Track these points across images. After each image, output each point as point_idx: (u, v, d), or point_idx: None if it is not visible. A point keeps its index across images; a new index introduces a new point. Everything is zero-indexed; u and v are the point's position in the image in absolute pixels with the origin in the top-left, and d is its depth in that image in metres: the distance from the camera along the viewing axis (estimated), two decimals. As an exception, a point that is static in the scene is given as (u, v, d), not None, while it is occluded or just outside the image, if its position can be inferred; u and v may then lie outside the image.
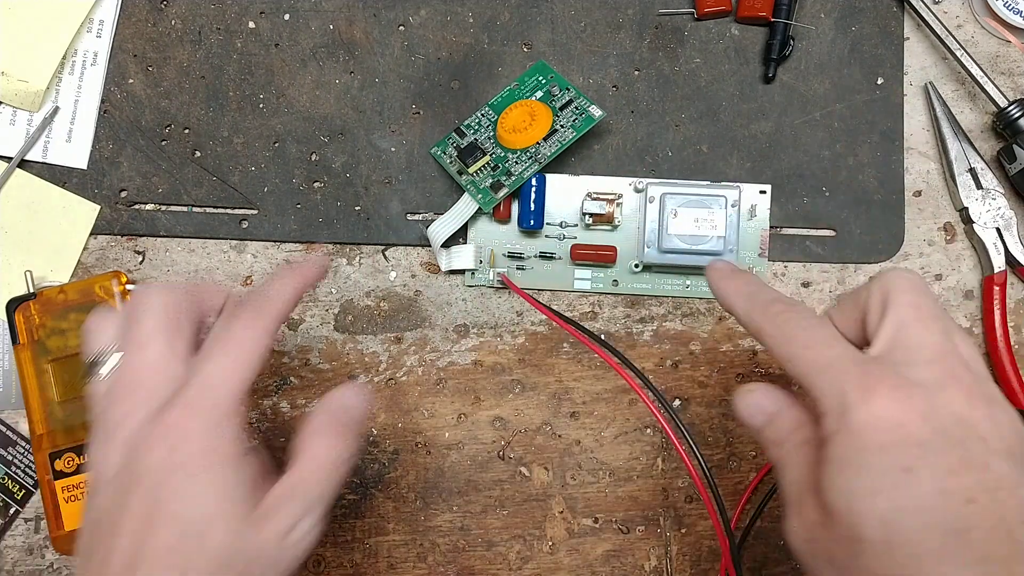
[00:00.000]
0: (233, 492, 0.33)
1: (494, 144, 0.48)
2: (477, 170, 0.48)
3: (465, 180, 0.48)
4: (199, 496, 0.32)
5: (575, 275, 0.50)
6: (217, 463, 0.33)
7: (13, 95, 0.49)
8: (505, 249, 0.50)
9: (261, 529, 0.33)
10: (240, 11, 0.51)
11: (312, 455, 0.36)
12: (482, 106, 0.50)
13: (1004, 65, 0.51)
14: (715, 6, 0.50)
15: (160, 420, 0.32)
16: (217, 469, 0.32)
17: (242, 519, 0.32)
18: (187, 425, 0.32)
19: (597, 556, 0.49)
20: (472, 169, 0.48)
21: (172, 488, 0.32)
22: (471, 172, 0.48)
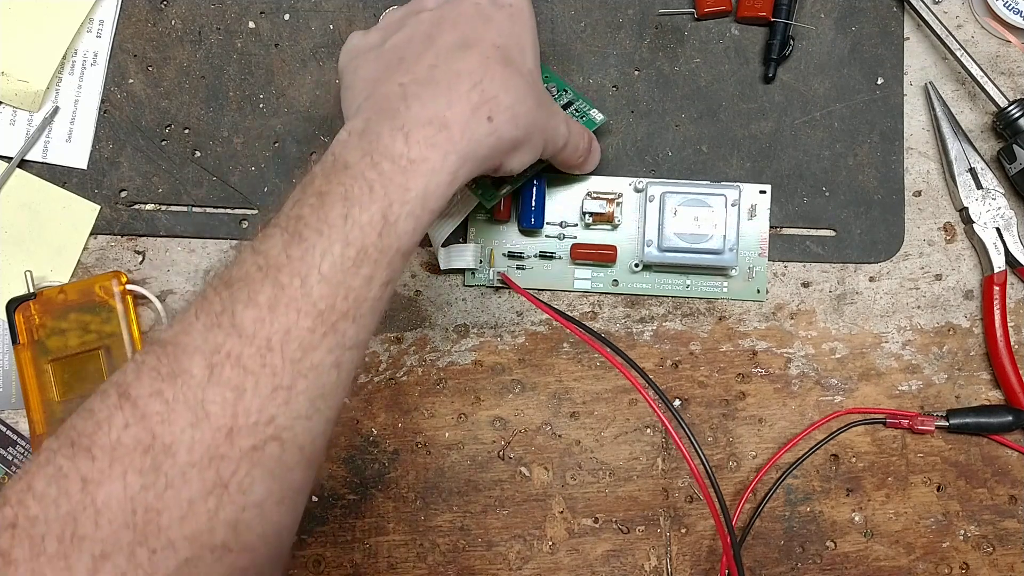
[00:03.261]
0: (536, 46, 0.40)
1: None
2: None
3: None
4: (526, 31, 0.39)
5: (575, 275, 0.50)
6: (533, 19, 0.40)
7: (13, 95, 0.49)
8: (505, 249, 0.50)
9: (546, 95, 0.40)
10: (240, 11, 0.51)
11: (575, 123, 0.45)
12: None
13: (1004, 65, 0.51)
14: (715, 6, 0.50)
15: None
16: (533, 21, 0.40)
17: (538, 71, 0.40)
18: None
19: (597, 556, 0.48)
20: None
21: (504, 14, 0.39)
22: None
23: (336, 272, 0.32)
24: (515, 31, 0.39)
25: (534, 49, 0.40)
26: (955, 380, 0.49)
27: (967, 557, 0.48)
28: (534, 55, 0.40)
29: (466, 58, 0.37)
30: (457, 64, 0.37)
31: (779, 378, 0.49)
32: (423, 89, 0.36)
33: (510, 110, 0.36)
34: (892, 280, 0.50)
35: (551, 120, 0.40)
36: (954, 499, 0.49)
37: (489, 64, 0.37)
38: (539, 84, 0.40)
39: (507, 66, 0.37)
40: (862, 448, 0.49)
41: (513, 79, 0.37)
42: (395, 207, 0.33)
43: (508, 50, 0.38)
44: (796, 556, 0.48)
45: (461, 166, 0.35)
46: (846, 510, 0.49)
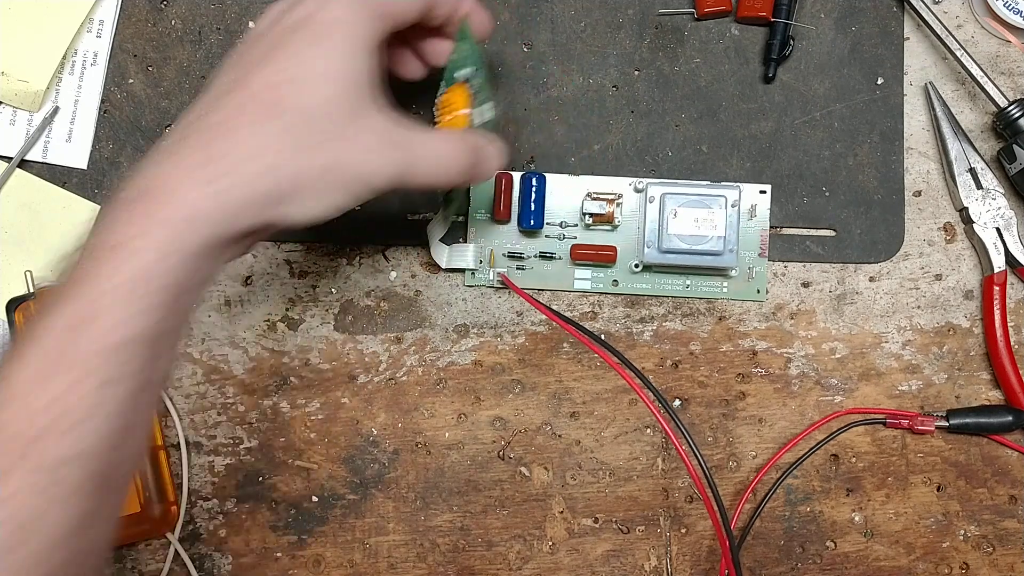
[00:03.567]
0: (353, 71, 0.34)
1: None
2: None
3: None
4: (321, 54, 0.34)
5: (575, 275, 0.50)
6: (351, 40, 0.34)
7: (13, 95, 0.49)
8: (505, 249, 0.50)
9: (354, 128, 0.34)
10: (240, 11, 0.51)
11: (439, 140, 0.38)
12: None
13: (1004, 65, 0.51)
14: (715, 6, 0.50)
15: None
16: (348, 44, 0.34)
17: (352, 99, 0.34)
18: (337, 4, 0.35)
19: (597, 556, 0.49)
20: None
21: (300, 39, 0.34)
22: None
23: (17, 387, 0.29)
24: (305, 59, 0.34)
25: (341, 73, 0.34)
26: (955, 380, 0.49)
27: (967, 557, 0.48)
28: (338, 81, 0.34)
29: (221, 107, 0.33)
30: (211, 116, 0.33)
31: (779, 378, 0.49)
32: (169, 151, 0.32)
33: (239, 169, 0.32)
34: (892, 280, 0.50)
35: (342, 158, 0.34)
36: (954, 499, 0.49)
37: (239, 113, 0.33)
38: (326, 120, 0.34)
39: (263, 116, 0.33)
40: (862, 448, 0.49)
41: (262, 128, 0.32)
42: (100, 299, 0.30)
43: (280, 88, 0.33)
44: (796, 556, 0.48)
45: (176, 238, 0.30)
46: (846, 510, 0.49)
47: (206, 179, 0.31)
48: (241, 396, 0.49)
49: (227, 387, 0.49)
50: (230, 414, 0.49)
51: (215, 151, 0.32)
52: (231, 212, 0.32)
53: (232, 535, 0.49)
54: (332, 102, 0.34)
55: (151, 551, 0.48)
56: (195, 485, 0.49)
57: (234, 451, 0.49)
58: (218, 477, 0.49)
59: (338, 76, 0.34)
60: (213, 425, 0.49)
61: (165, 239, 0.30)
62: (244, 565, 0.48)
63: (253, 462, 0.49)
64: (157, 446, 0.48)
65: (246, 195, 0.32)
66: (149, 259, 0.30)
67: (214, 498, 0.49)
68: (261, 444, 0.49)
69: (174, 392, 0.49)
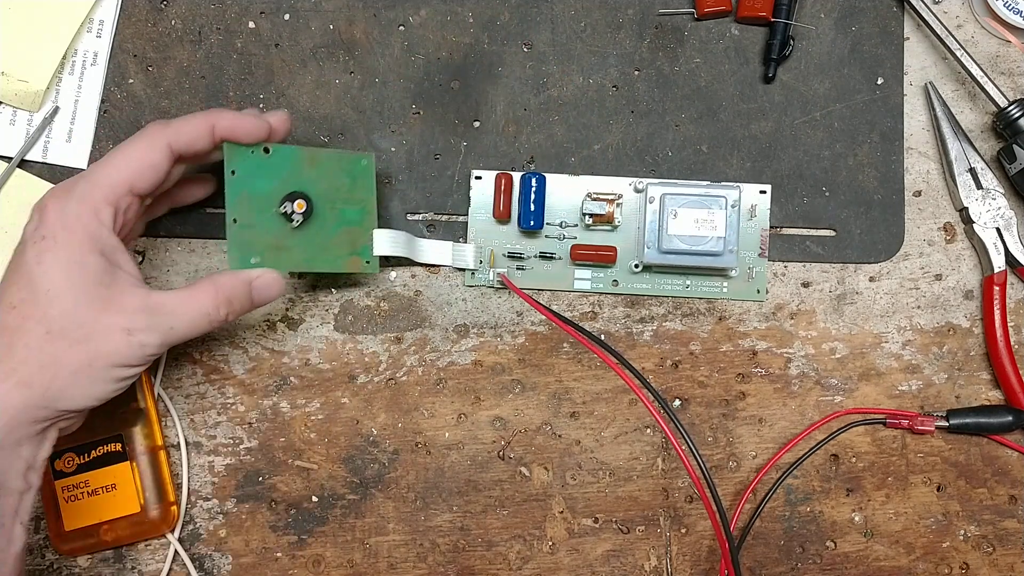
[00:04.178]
0: (86, 270, 0.37)
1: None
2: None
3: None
4: (51, 263, 0.37)
5: (575, 275, 0.50)
6: (75, 243, 0.37)
7: (13, 95, 0.49)
8: (505, 249, 0.50)
9: (108, 315, 0.38)
10: (240, 11, 0.51)
11: (194, 297, 0.40)
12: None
13: (1004, 65, 0.51)
14: (715, 6, 0.50)
15: (41, 202, 0.39)
16: (74, 247, 0.37)
17: (90, 298, 0.37)
18: (57, 207, 0.38)
19: (597, 556, 0.49)
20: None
21: (31, 253, 0.37)
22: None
23: None
24: (39, 272, 0.37)
25: (67, 282, 0.37)
26: (955, 380, 0.49)
27: (967, 557, 0.48)
28: (65, 289, 0.37)
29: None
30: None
31: (779, 378, 0.49)
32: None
33: (11, 379, 0.36)
34: (892, 280, 0.50)
35: (99, 352, 0.38)
36: (954, 499, 0.49)
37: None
38: (68, 319, 0.37)
39: (15, 329, 0.37)
40: (862, 448, 0.49)
41: (19, 342, 0.36)
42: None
43: (24, 305, 0.37)
44: (796, 556, 0.48)
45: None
46: (846, 510, 0.49)
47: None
48: (241, 396, 0.49)
49: (227, 387, 0.49)
50: (230, 414, 0.49)
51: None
52: (9, 419, 0.36)
53: (232, 535, 0.49)
54: (73, 307, 0.37)
55: (151, 551, 0.48)
56: (195, 485, 0.49)
57: (234, 451, 0.49)
58: (218, 477, 0.49)
59: (70, 284, 0.37)
60: (213, 425, 0.49)
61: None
62: (244, 565, 0.48)
63: (253, 462, 0.49)
64: (157, 446, 0.48)
65: (20, 403, 0.36)
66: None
67: (214, 498, 0.49)
68: (261, 444, 0.49)
69: (174, 392, 0.49)
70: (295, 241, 0.44)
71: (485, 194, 0.50)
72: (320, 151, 0.45)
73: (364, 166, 0.46)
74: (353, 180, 0.46)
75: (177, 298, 0.40)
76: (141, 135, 0.40)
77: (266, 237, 0.43)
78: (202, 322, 0.41)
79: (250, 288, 0.42)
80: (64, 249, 0.37)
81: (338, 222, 0.45)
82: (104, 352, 0.38)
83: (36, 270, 0.37)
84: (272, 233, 0.43)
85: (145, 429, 0.48)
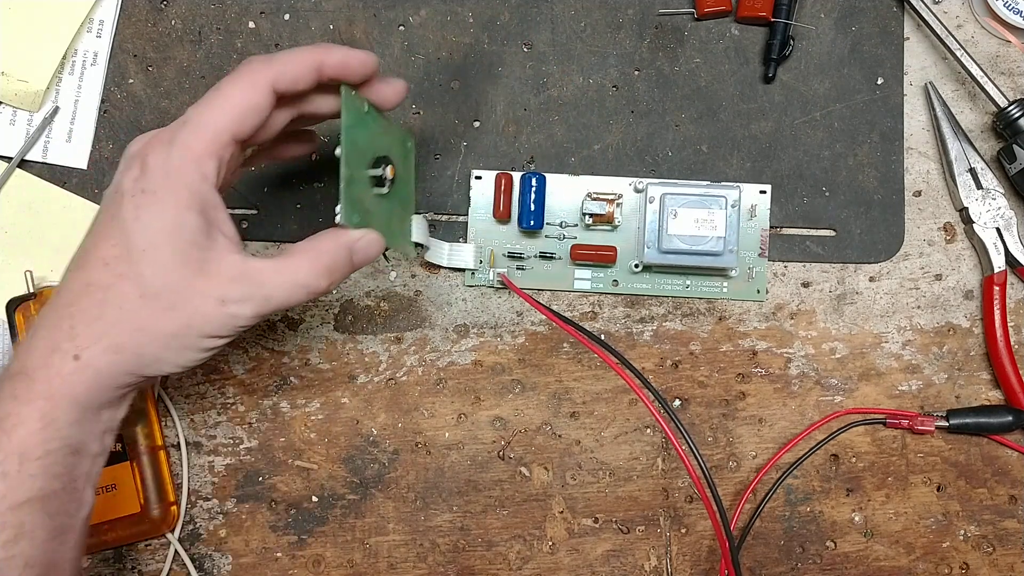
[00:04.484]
0: (184, 230, 0.35)
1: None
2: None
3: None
4: (149, 221, 0.34)
5: (575, 275, 0.50)
6: (177, 199, 0.35)
7: (13, 95, 0.49)
8: (505, 249, 0.50)
9: (202, 281, 0.35)
10: (240, 11, 0.51)
11: (293, 266, 0.37)
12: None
13: (1004, 65, 0.51)
14: (715, 6, 0.50)
15: (141, 151, 0.35)
16: (176, 204, 0.35)
17: (186, 261, 0.35)
18: (160, 157, 0.35)
19: (597, 556, 0.49)
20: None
21: (129, 207, 0.35)
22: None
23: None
24: (133, 231, 0.34)
25: (165, 241, 0.34)
26: (955, 380, 0.49)
27: (967, 557, 0.48)
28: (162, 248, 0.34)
29: (69, 285, 0.35)
30: (62, 294, 0.35)
31: (779, 378, 0.49)
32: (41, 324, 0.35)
33: (104, 342, 0.34)
34: (892, 280, 0.50)
35: (191, 322, 0.35)
36: (954, 499, 0.49)
37: (87, 291, 0.35)
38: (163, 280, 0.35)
39: (107, 287, 0.34)
40: (862, 448, 0.49)
41: (111, 298, 0.34)
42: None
43: (116, 266, 0.34)
44: (796, 556, 0.48)
45: (52, 407, 0.34)
46: (846, 510, 0.49)
47: (71, 355, 0.34)
48: (241, 396, 0.49)
49: (227, 387, 0.49)
50: (230, 414, 0.49)
51: (72, 329, 0.34)
52: (96, 383, 0.35)
53: (232, 535, 0.49)
54: (168, 270, 0.35)
55: (151, 551, 0.48)
56: (195, 485, 0.49)
57: (234, 451, 0.49)
58: (218, 477, 0.49)
59: (169, 245, 0.35)
60: (213, 425, 0.49)
61: (42, 412, 0.34)
62: (244, 565, 0.48)
63: (253, 462, 0.49)
64: (157, 446, 0.48)
65: (108, 368, 0.35)
66: (33, 429, 0.34)
67: (214, 498, 0.49)
68: (261, 444, 0.49)
69: (174, 392, 0.49)
70: (378, 208, 0.41)
71: (485, 194, 0.50)
72: (389, 122, 0.42)
73: (409, 147, 0.44)
74: (407, 156, 0.43)
75: (275, 267, 0.37)
76: (240, 73, 0.36)
77: (363, 198, 0.40)
78: (300, 293, 0.37)
79: (351, 252, 0.39)
80: (165, 206, 0.34)
81: (401, 197, 0.42)
82: (196, 321, 0.35)
83: (134, 226, 0.34)
84: (366, 195, 0.40)
85: (145, 429, 0.48)
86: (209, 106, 0.35)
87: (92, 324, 0.34)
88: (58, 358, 0.34)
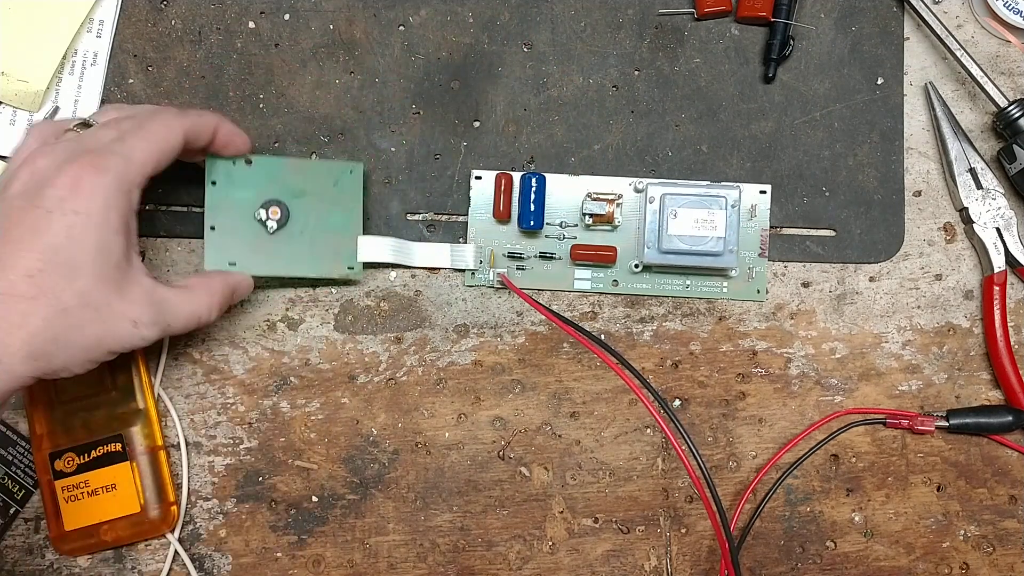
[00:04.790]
0: (110, 254, 0.38)
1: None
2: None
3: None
4: (82, 241, 0.37)
5: (575, 275, 0.50)
6: (108, 222, 0.38)
7: (13, 95, 0.49)
8: (505, 249, 0.50)
9: (119, 301, 0.38)
10: (240, 11, 0.51)
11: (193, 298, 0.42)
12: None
13: (1004, 65, 0.51)
14: (715, 6, 0.50)
15: (74, 163, 0.37)
16: (106, 227, 0.38)
17: (108, 281, 0.38)
18: (96, 179, 0.37)
19: (597, 556, 0.49)
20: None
21: (59, 227, 0.37)
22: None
23: None
24: (68, 247, 0.37)
25: (94, 262, 0.37)
26: (955, 380, 0.49)
27: (967, 557, 0.48)
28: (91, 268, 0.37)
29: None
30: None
31: (779, 378, 0.49)
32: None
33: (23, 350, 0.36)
34: (892, 280, 0.50)
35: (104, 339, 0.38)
36: (954, 499, 0.49)
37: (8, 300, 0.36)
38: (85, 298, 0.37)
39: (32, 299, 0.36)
40: (862, 448, 0.49)
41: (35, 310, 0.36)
42: None
43: (44, 277, 0.36)
44: (796, 556, 0.48)
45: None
46: (846, 510, 0.49)
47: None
48: (241, 396, 0.49)
49: (227, 387, 0.49)
50: (230, 414, 0.49)
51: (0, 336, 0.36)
52: (8, 386, 0.37)
53: (232, 535, 0.49)
54: (91, 289, 0.37)
55: (151, 551, 0.48)
56: (195, 485, 0.49)
57: (234, 451, 0.49)
58: (218, 477, 0.49)
59: (95, 265, 0.37)
60: (213, 425, 0.49)
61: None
62: (244, 565, 0.48)
63: (253, 462, 0.49)
64: (157, 446, 0.48)
65: (22, 373, 0.37)
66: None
67: (214, 498, 0.49)
68: (261, 444, 0.49)
69: (174, 392, 0.49)
70: (275, 246, 0.46)
71: (485, 194, 0.50)
72: (305, 162, 0.47)
73: (352, 174, 0.47)
74: (341, 187, 0.47)
75: (178, 297, 0.42)
76: (161, 119, 0.41)
77: (243, 243, 0.46)
78: (193, 322, 0.43)
79: (233, 290, 0.45)
80: (99, 229, 0.37)
81: (322, 228, 0.47)
82: (108, 337, 0.39)
83: (64, 244, 0.37)
84: (250, 238, 0.46)
85: (145, 429, 0.48)
86: (139, 142, 0.39)
87: (13, 332, 0.36)
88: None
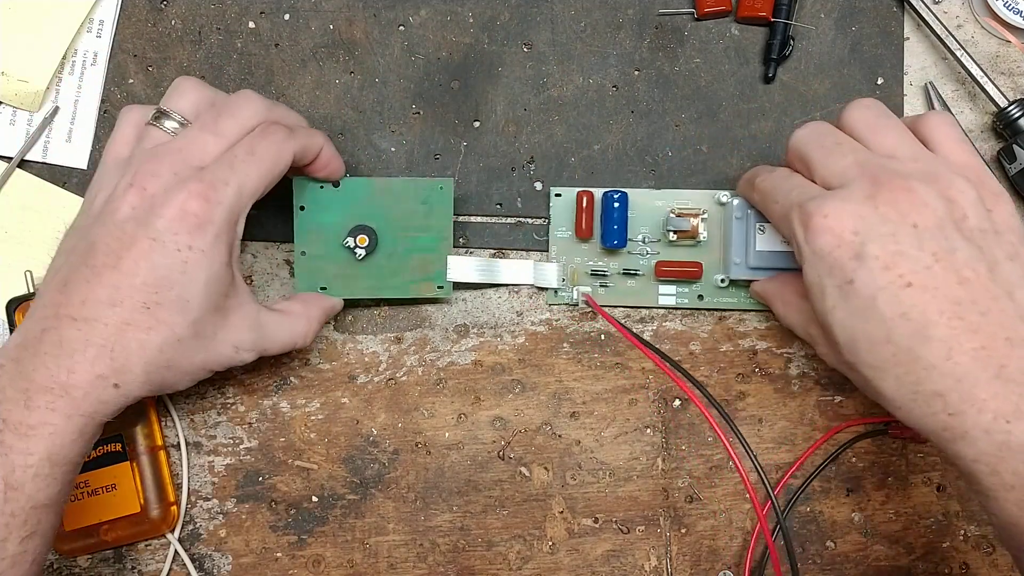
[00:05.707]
0: (220, 284, 0.39)
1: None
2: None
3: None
4: (196, 276, 0.38)
5: (659, 291, 0.49)
6: (219, 255, 0.38)
7: (13, 95, 0.49)
8: (587, 267, 0.49)
9: (224, 328, 0.40)
10: (240, 11, 0.51)
11: (292, 323, 0.44)
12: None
13: (1004, 65, 0.51)
14: (715, 6, 0.50)
15: (183, 191, 0.38)
16: (216, 261, 0.38)
17: (216, 310, 0.39)
18: (208, 213, 0.38)
19: (597, 556, 0.49)
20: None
21: (176, 262, 0.37)
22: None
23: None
24: (182, 281, 0.38)
25: (205, 294, 0.38)
26: (955, 380, 0.49)
27: (967, 557, 0.48)
28: (202, 301, 0.38)
29: (106, 316, 0.37)
30: (98, 324, 0.37)
31: (779, 378, 0.49)
32: (56, 345, 0.37)
33: (141, 376, 0.38)
34: (892, 280, 0.50)
35: (213, 358, 0.40)
36: (954, 499, 0.49)
37: (127, 330, 0.37)
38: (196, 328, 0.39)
39: (149, 329, 0.37)
40: (862, 448, 0.49)
41: (152, 340, 0.37)
42: (17, 472, 0.35)
43: (160, 310, 0.37)
44: (796, 556, 0.48)
45: (88, 423, 0.37)
46: (846, 510, 0.49)
47: (112, 383, 0.37)
48: (241, 396, 0.49)
49: (227, 387, 0.49)
50: (230, 414, 0.49)
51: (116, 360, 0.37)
52: (122, 405, 0.38)
53: (232, 535, 0.49)
54: (203, 319, 0.39)
55: (151, 551, 0.48)
56: (195, 485, 0.49)
57: (234, 451, 0.49)
58: (218, 477, 0.49)
59: (207, 297, 0.39)
60: (213, 425, 0.49)
61: (80, 428, 0.37)
62: (244, 565, 0.48)
63: (253, 462, 0.49)
64: (157, 446, 0.48)
65: (145, 392, 0.38)
66: (65, 440, 0.36)
67: (214, 498, 0.49)
68: (261, 444, 0.49)
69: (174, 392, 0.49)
70: (363, 270, 0.47)
71: (565, 211, 0.49)
72: (394, 180, 0.47)
73: (442, 191, 0.47)
74: (429, 206, 0.47)
75: (278, 322, 0.43)
76: (272, 139, 0.40)
77: (333, 267, 0.47)
78: (289, 347, 0.44)
79: (327, 315, 0.46)
80: (212, 263, 0.38)
81: (410, 249, 0.47)
82: (211, 361, 0.40)
83: (178, 279, 0.37)
84: (340, 263, 0.47)
85: (145, 429, 0.48)
86: (253, 173, 0.39)
87: (132, 359, 0.37)
88: (101, 384, 0.37)
